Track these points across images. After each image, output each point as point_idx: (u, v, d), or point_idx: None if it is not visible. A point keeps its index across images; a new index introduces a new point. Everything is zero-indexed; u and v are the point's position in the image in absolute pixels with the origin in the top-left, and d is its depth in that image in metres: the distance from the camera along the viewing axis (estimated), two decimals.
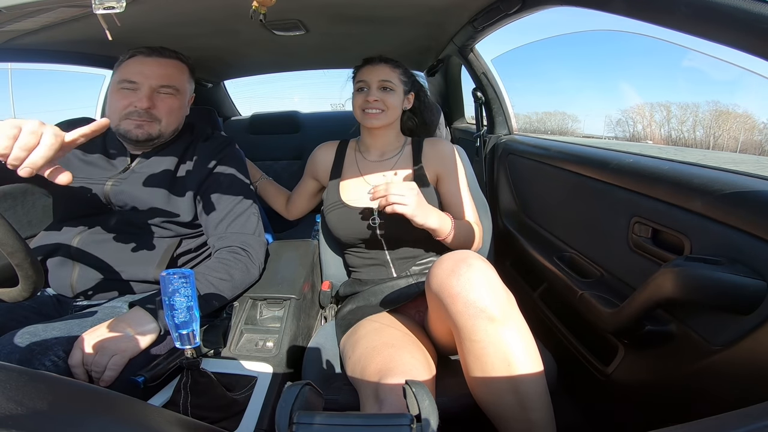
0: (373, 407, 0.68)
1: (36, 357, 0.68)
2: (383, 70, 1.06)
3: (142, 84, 0.92)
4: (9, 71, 7.88)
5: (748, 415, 0.32)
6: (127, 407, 0.35)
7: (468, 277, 0.68)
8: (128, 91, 0.93)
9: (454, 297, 0.68)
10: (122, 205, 0.97)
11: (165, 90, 0.95)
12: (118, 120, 0.94)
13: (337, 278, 1.20)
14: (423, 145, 1.12)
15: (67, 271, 0.96)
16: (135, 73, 0.92)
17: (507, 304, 0.68)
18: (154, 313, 0.79)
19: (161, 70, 0.94)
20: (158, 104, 0.94)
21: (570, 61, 7.39)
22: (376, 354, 0.76)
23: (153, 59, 0.94)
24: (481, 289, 0.67)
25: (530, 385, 0.66)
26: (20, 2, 0.66)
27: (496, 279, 0.69)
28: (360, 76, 1.08)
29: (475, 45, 1.41)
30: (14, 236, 0.60)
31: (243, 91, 2.78)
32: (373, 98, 1.04)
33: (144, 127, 0.94)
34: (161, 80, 0.94)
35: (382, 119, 1.06)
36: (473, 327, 0.66)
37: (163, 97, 0.95)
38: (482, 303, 0.66)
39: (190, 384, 0.64)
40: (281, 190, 1.32)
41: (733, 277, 0.57)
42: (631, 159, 0.87)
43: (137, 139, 0.95)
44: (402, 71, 1.09)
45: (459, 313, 0.67)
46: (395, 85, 1.06)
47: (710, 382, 0.62)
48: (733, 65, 0.64)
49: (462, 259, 0.70)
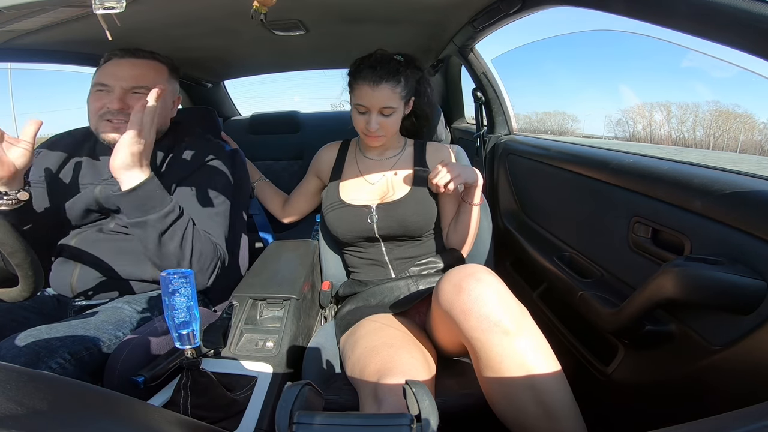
0: (372, 407, 0.68)
1: (42, 360, 0.68)
2: (384, 93, 0.98)
3: (114, 86, 0.92)
4: (9, 71, 7.89)
5: (748, 415, 0.32)
6: (127, 407, 0.35)
7: (479, 292, 0.67)
8: (102, 93, 0.93)
9: (466, 313, 0.67)
10: (115, 209, 0.97)
11: (139, 91, 0.94)
12: (95, 123, 0.94)
13: (337, 278, 1.20)
14: (426, 148, 1.12)
15: (67, 271, 0.97)
16: (107, 75, 0.93)
17: (520, 316, 0.67)
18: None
19: (134, 71, 0.94)
20: (133, 104, 0.93)
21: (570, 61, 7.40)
22: (376, 354, 0.76)
23: (126, 60, 0.95)
24: (493, 303, 0.66)
25: (555, 394, 0.64)
26: (20, 2, 0.66)
27: (506, 292, 0.69)
28: (360, 97, 1.00)
29: (475, 45, 1.41)
30: (14, 236, 0.60)
31: (243, 91, 2.78)
32: (374, 128, 1.01)
33: (120, 129, 0.92)
34: (133, 81, 0.94)
35: (383, 140, 1.06)
36: (489, 341, 0.65)
37: (138, 98, 0.93)
38: (495, 317, 0.65)
39: (190, 384, 0.64)
40: (278, 193, 1.32)
41: (733, 277, 0.57)
42: (631, 159, 0.87)
43: (116, 141, 0.94)
44: (402, 85, 1.01)
45: (472, 329, 0.66)
46: (396, 105, 1.01)
47: (710, 383, 0.62)
48: (733, 65, 0.64)
49: (470, 274, 0.70)
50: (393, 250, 1.06)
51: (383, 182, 1.08)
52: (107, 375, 0.75)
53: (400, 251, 1.06)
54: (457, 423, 0.79)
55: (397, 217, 1.01)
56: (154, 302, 0.97)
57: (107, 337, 0.81)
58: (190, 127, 1.12)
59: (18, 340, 0.71)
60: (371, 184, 1.09)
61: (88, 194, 0.97)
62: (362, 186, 1.09)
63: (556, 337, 1.04)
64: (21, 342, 0.70)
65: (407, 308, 0.95)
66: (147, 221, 0.83)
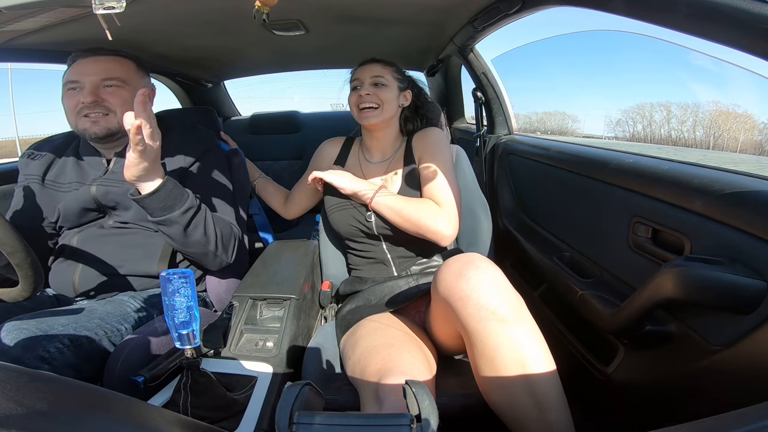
0: (373, 407, 0.68)
1: (40, 343, 0.69)
2: (375, 67, 1.09)
3: (84, 81, 0.94)
4: (9, 71, 7.89)
5: (748, 415, 0.32)
6: (127, 407, 0.35)
7: (477, 280, 0.67)
8: (74, 91, 0.95)
9: (464, 300, 0.67)
10: (113, 205, 0.98)
11: (110, 83, 0.96)
12: (74, 121, 0.96)
13: (337, 278, 1.20)
14: (413, 140, 1.12)
15: (69, 271, 0.97)
16: (76, 73, 0.94)
17: (517, 305, 0.68)
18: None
19: (99, 66, 0.96)
20: (107, 97, 0.95)
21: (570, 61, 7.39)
22: (376, 354, 0.76)
23: (90, 59, 0.96)
24: (492, 291, 0.66)
25: (546, 385, 0.65)
26: (20, 2, 0.66)
27: (504, 280, 0.69)
28: (354, 76, 1.11)
29: (475, 45, 1.41)
30: (14, 236, 0.60)
31: (243, 91, 2.78)
32: (366, 92, 1.06)
33: (100, 123, 0.95)
34: (101, 74, 0.95)
35: (378, 115, 1.06)
36: (485, 329, 0.66)
37: (111, 90, 0.96)
38: (493, 305, 0.66)
39: (190, 384, 0.64)
40: (280, 189, 1.32)
41: (733, 277, 0.57)
42: (631, 159, 0.87)
43: (97, 136, 0.96)
44: (395, 69, 1.11)
45: (470, 316, 0.67)
46: (388, 80, 1.08)
47: (710, 382, 0.62)
48: (733, 65, 0.64)
49: (469, 261, 0.70)
50: (394, 248, 1.06)
51: (382, 182, 1.08)
52: (107, 375, 0.75)
53: (401, 249, 1.06)
54: (457, 423, 0.79)
55: None
56: (156, 300, 0.97)
57: (110, 328, 0.82)
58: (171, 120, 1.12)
59: (20, 324, 0.71)
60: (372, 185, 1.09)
61: (83, 194, 0.98)
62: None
63: (557, 337, 1.04)
64: (23, 325, 0.71)
65: (406, 305, 0.95)
66: (171, 218, 0.86)
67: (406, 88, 1.13)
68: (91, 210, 0.99)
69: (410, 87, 1.14)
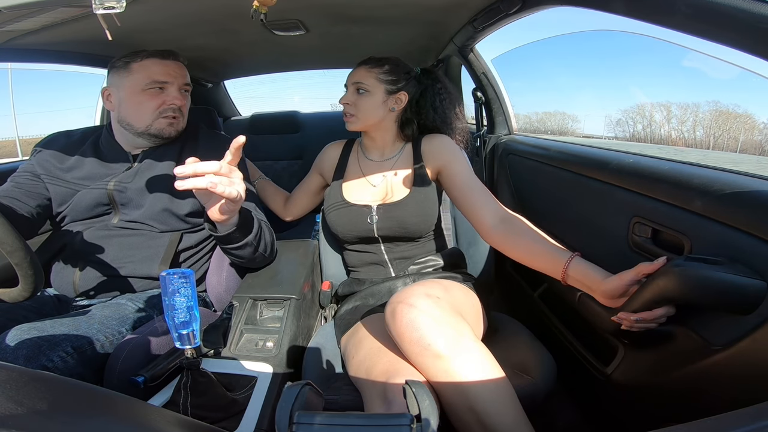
0: (380, 408, 0.68)
1: (44, 352, 0.68)
2: (359, 72, 1.05)
3: (172, 83, 0.99)
4: (9, 71, 7.89)
5: (748, 415, 0.32)
6: (127, 407, 0.35)
7: (410, 318, 0.69)
8: (157, 90, 0.98)
9: (401, 337, 0.71)
10: (126, 203, 0.98)
11: (186, 88, 1.03)
12: (151, 120, 0.99)
13: (337, 278, 1.20)
14: (421, 143, 1.09)
15: (69, 271, 0.97)
16: (162, 74, 0.98)
17: (454, 337, 0.69)
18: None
19: (181, 71, 1.02)
20: (184, 102, 1.03)
21: (570, 61, 7.41)
22: (383, 354, 0.76)
23: (171, 61, 1.00)
24: (425, 328, 0.68)
25: (496, 416, 0.66)
26: (20, 2, 0.66)
27: (440, 314, 0.70)
28: (346, 80, 1.10)
29: (475, 45, 1.41)
30: (14, 236, 0.60)
31: (243, 91, 2.78)
32: (345, 101, 1.06)
33: (175, 125, 1.02)
34: (184, 79, 1.02)
35: (355, 122, 1.06)
36: (423, 363, 0.69)
37: (185, 95, 1.03)
38: (425, 341, 0.68)
39: (190, 384, 0.64)
40: (279, 191, 1.32)
41: (734, 277, 0.56)
42: (631, 159, 0.87)
43: (169, 136, 1.02)
44: (384, 70, 1.04)
45: (408, 352, 0.70)
46: (369, 86, 1.03)
47: (710, 382, 0.62)
48: (733, 65, 0.64)
49: (402, 301, 0.72)
50: (392, 250, 1.06)
51: (384, 184, 1.08)
52: (107, 375, 0.75)
53: (399, 251, 1.06)
54: None
55: (397, 218, 1.01)
56: (156, 301, 0.97)
57: (111, 332, 0.81)
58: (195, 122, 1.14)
59: (21, 333, 0.71)
60: (373, 186, 1.09)
61: (99, 189, 0.97)
62: (364, 186, 1.09)
63: (556, 337, 1.04)
64: (24, 334, 0.71)
65: None
66: (247, 242, 0.87)
67: (400, 89, 1.05)
68: (103, 205, 0.99)
69: (406, 88, 1.06)
